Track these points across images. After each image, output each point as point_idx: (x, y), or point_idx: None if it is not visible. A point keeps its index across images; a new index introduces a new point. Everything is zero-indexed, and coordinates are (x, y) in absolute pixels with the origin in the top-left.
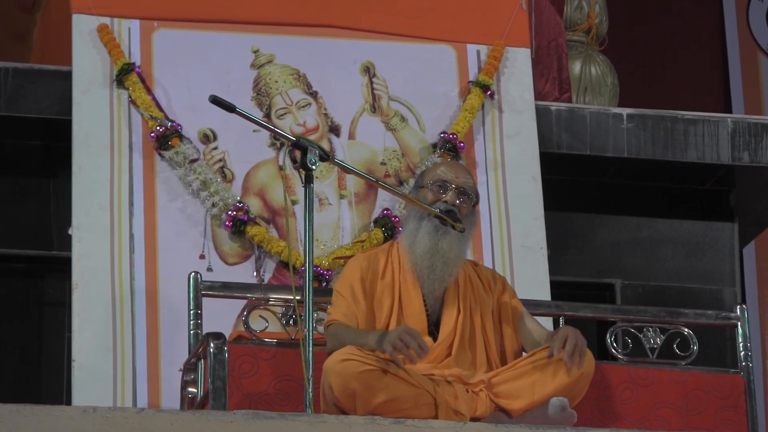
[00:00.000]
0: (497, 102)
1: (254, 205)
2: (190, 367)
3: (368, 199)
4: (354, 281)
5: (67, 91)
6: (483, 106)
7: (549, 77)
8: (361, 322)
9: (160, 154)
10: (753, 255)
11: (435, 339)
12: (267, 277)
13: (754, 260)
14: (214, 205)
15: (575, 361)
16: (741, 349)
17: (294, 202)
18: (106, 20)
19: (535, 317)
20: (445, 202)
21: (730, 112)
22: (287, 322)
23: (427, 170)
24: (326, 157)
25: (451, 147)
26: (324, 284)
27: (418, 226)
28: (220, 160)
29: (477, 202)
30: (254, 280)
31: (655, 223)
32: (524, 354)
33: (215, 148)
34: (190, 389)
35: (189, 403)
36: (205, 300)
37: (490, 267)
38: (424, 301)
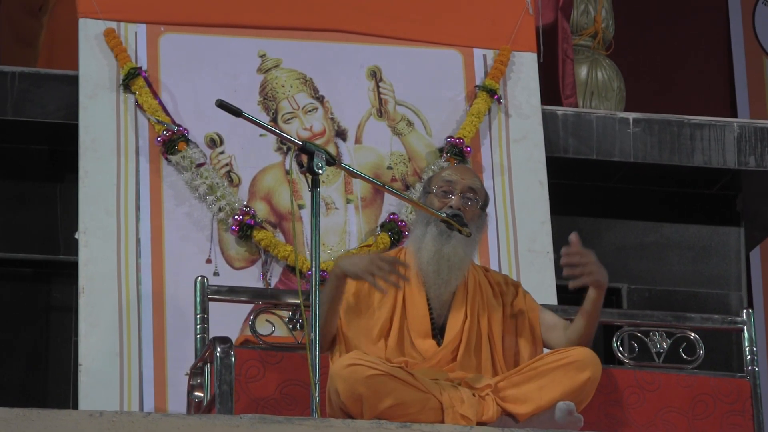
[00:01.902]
0: (504, 106)
1: (261, 210)
2: (196, 372)
3: (375, 203)
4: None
5: (73, 95)
6: (489, 110)
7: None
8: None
9: (166, 159)
10: (759, 259)
11: (439, 343)
12: (274, 282)
13: (760, 265)
14: (220, 209)
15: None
16: (747, 353)
17: (301, 207)
18: (113, 24)
19: None
20: (451, 206)
21: (736, 116)
22: (294, 327)
23: (433, 175)
24: (333, 161)
25: (457, 151)
26: None
27: (424, 232)
28: (227, 165)
29: (485, 205)
30: (261, 285)
31: (661, 227)
32: (546, 351)
33: (222, 153)
34: (196, 393)
35: (195, 407)
36: (211, 304)
37: (498, 271)
38: (429, 305)
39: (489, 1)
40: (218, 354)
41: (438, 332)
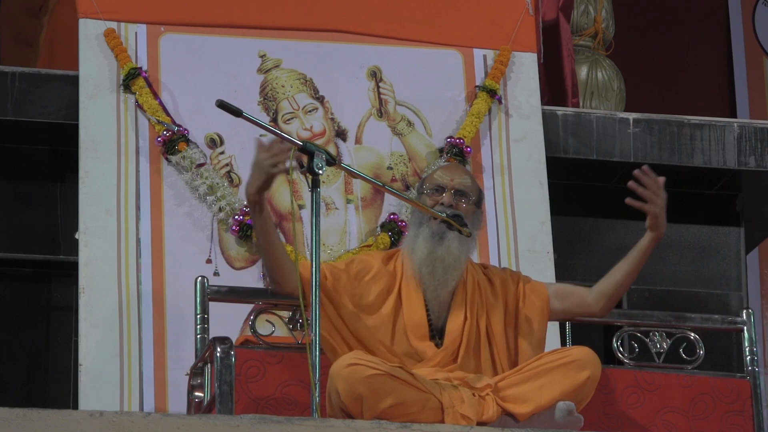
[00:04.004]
0: (504, 106)
1: None
2: (196, 372)
3: (375, 203)
4: (331, 267)
5: (74, 95)
6: (490, 110)
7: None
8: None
9: (166, 159)
10: (756, 260)
11: (438, 345)
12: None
13: (758, 266)
14: (220, 209)
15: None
16: (747, 353)
17: (301, 207)
18: (113, 24)
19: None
20: (443, 204)
21: (735, 116)
22: (294, 327)
23: (426, 176)
24: (333, 161)
25: (457, 152)
26: None
27: (417, 233)
28: (227, 165)
29: (479, 202)
30: (261, 285)
31: None
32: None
33: (222, 153)
34: (196, 393)
35: (196, 407)
36: (211, 304)
37: (497, 267)
38: (427, 306)
39: (489, 1)
40: (218, 354)
41: (436, 334)
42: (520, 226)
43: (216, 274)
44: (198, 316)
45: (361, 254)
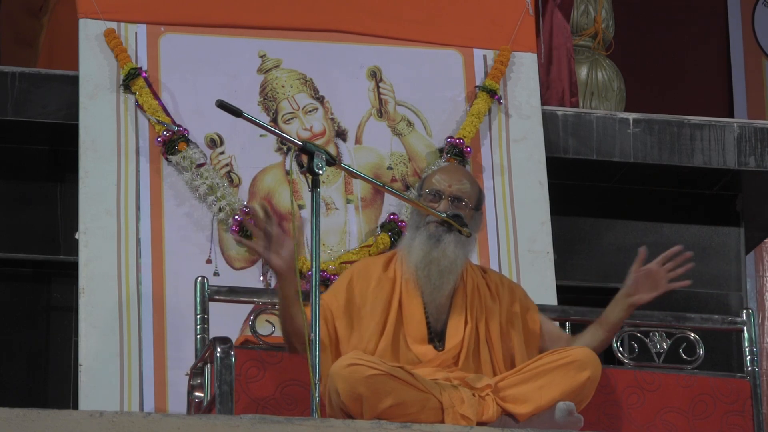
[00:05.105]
0: (504, 107)
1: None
2: (196, 372)
3: (375, 203)
4: (331, 300)
5: (74, 95)
6: (490, 110)
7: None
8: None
9: (166, 159)
10: (753, 261)
11: (437, 348)
12: (274, 282)
13: (754, 266)
14: (220, 209)
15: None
16: (747, 353)
17: (301, 207)
18: (113, 25)
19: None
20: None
21: (733, 116)
22: None
23: (425, 178)
24: (333, 161)
25: (457, 152)
26: None
27: (414, 235)
28: (227, 165)
29: (479, 205)
30: (261, 285)
31: (661, 227)
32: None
33: (222, 153)
34: (196, 394)
35: (196, 407)
36: (211, 305)
37: (497, 272)
38: (425, 310)
39: (489, 1)
40: (218, 354)
41: (435, 337)
42: (520, 226)
43: (216, 274)
44: (198, 316)
45: (360, 263)
